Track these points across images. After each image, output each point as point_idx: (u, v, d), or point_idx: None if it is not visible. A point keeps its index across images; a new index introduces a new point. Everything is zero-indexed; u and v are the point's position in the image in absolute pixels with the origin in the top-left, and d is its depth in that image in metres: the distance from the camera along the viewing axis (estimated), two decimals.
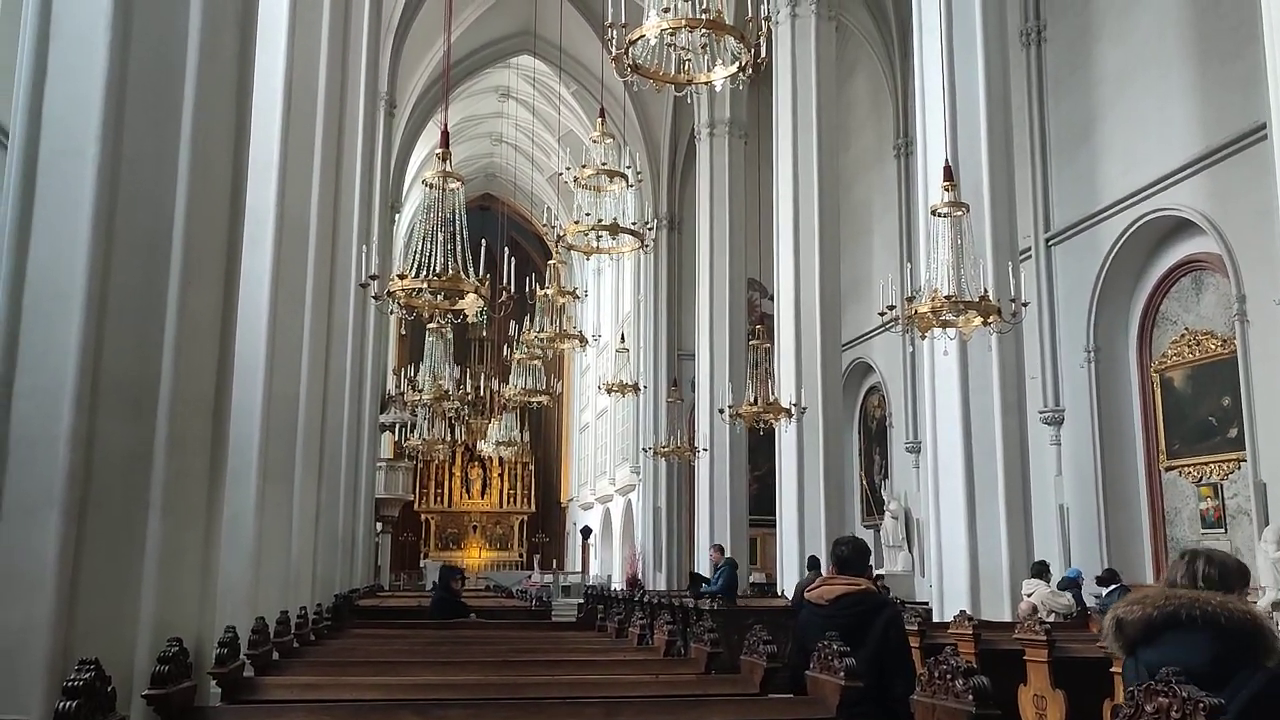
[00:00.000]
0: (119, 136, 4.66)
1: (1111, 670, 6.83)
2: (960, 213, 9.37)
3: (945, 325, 9.44)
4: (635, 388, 21.23)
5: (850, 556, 4.69)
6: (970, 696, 2.91)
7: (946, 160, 10.18)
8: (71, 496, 4.36)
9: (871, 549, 21.00)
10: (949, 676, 3.02)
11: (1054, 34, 16.47)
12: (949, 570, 11.54)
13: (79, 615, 4.28)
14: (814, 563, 13.17)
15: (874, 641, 4.30)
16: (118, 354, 4.58)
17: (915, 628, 8.29)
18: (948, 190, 9.39)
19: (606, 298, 35.50)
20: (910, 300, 9.50)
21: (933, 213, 9.67)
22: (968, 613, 9.09)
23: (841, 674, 3.61)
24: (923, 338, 10.00)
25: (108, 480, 4.49)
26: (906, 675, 4.02)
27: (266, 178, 8.31)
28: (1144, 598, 2.85)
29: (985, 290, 9.38)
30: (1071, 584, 11.59)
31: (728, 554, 16.68)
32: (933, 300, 9.13)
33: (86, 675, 2.63)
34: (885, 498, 21.33)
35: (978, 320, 9.33)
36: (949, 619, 9.55)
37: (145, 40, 4.79)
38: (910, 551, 20.08)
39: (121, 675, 3.87)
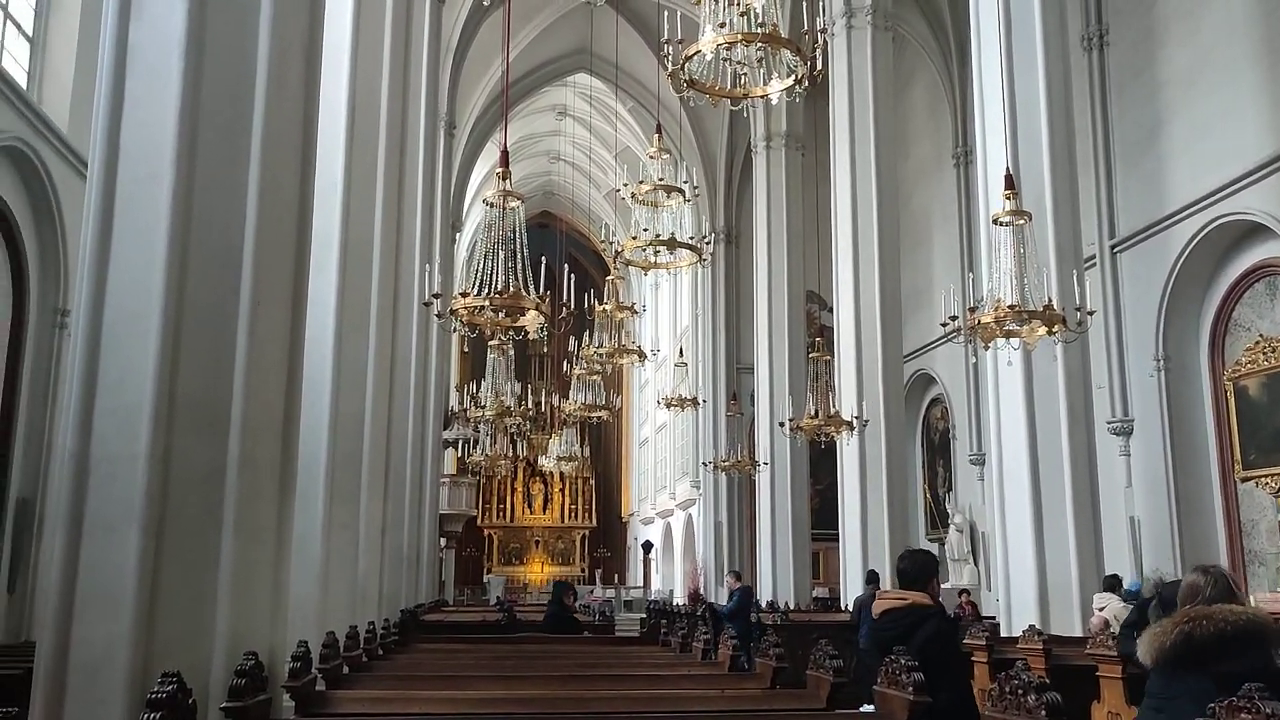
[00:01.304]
0: (192, 163, 4.80)
1: None
2: (1022, 221, 9.24)
3: (1009, 335, 9.31)
4: (694, 402, 21.22)
5: (909, 569, 4.66)
6: (1043, 713, 2.86)
7: (1008, 168, 10.05)
8: (150, 514, 4.48)
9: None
10: (1020, 692, 2.98)
11: (1116, 38, 16.19)
12: (1016, 584, 11.34)
13: (158, 630, 4.39)
14: (873, 577, 13.03)
15: (913, 653, 4.28)
16: (192, 375, 4.70)
17: (983, 642, 8.15)
18: (1009, 199, 9.27)
19: (664, 312, 35.52)
20: (973, 310, 9.39)
21: (994, 221, 9.54)
22: (1037, 627, 8.92)
23: (910, 689, 3.58)
24: (986, 348, 9.86)
25: (183, 498, 4.61)
26: (948, 687, 3.97)
27: (331, 200, 8.48)
28: (1210, 613, 3.03)
29: (1049, 299, 9.24)
30: (1134, 597, 11.31)
31: (744, 580, 16.87)
32: (996, 310, 9.02)
33: (169, 688, 2.70)
34: (949, 511, 21.04)
35: (1042, 330, 9.18)
36: (1017, 633, 9.38)
37: (216, 70, 4.93)
38: (976, 565, 19.76)
39: (198, 688, 3.96)
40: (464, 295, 8.27)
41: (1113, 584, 10.73)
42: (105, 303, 4.70)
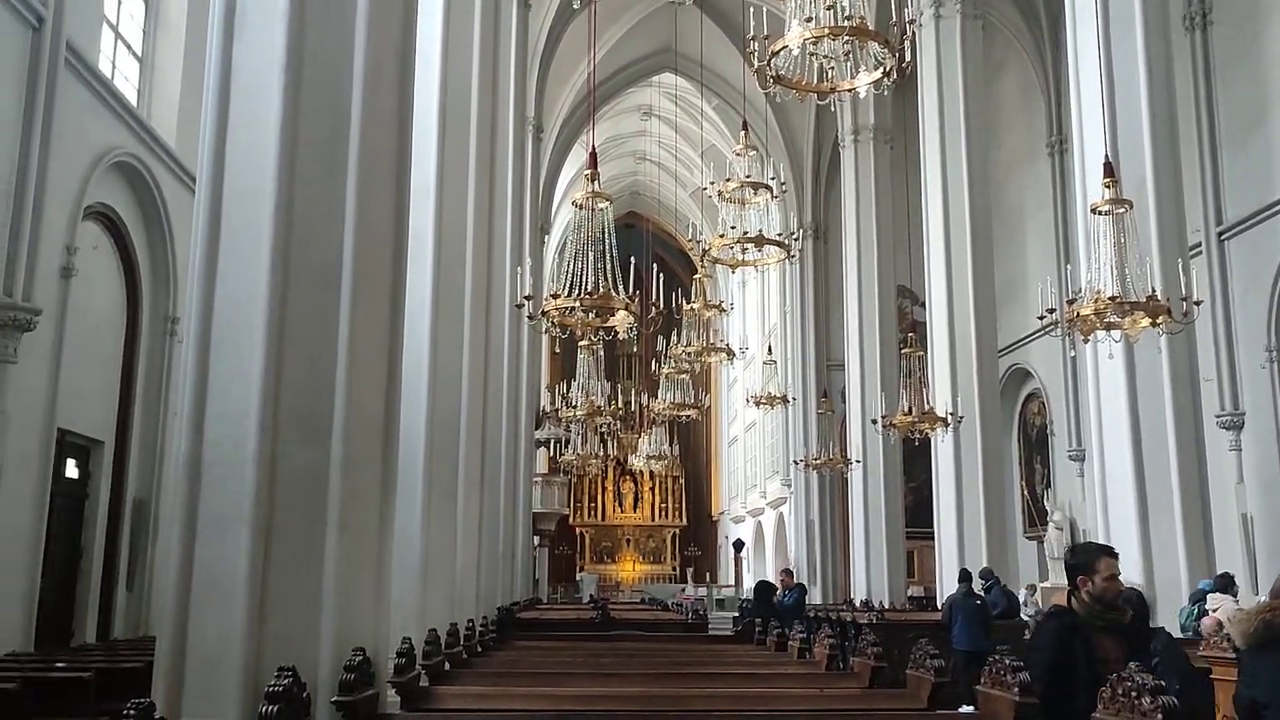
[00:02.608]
0: (293, 175, 4.95)
1: None
2: (1123, 209, 9.01)
3: (1110, 327, 9.08)
4: (784, 399, 21.10)
5: (1067, 564, 4.41)
6: (1159, 716, 2.78)
7: (1106, 155, 9.79)
8: (258, 514, 4.63)
9: (1035, 561, 20.34)
10: (1134, 695, 2.90)
11: (1220, 16, 15.61)
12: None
13: (268, 625, 4.53)
14: (965, 576, 12.78)
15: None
16: (295, 380, 4.84)
17: None
18: (1109, 187, 9.04)
19: (752, 310, 35.37)
20: (1071, 302, 9.18)
21: (1093, 211, 9.31)
22: None
23: (1015, 689, 3.51)
24: (1085, 341, 9.63)
25: (289, 499, 4.75)
26: (1035, 689, 3.86)
27: (424, 206, 8.65)
28: None
29: (1153, 289, 8.98)
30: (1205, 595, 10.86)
31: (798, 579, 16.75)
32: (1095, 302, 8.80)
33: (285, 681, 2.80)
34: (1048, 508, 20.55)
35: (1145, 321, 8.93)
36: None
37: (314, 84, 5.07)
38: None
39: (308, 682, 4.08)
40: (555, 296, 8.38)
41: (1225, 583, 10.36)
42: (214, 310, 4.86)
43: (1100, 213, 9.09)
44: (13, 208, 9.78)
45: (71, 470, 11.82)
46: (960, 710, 4.97)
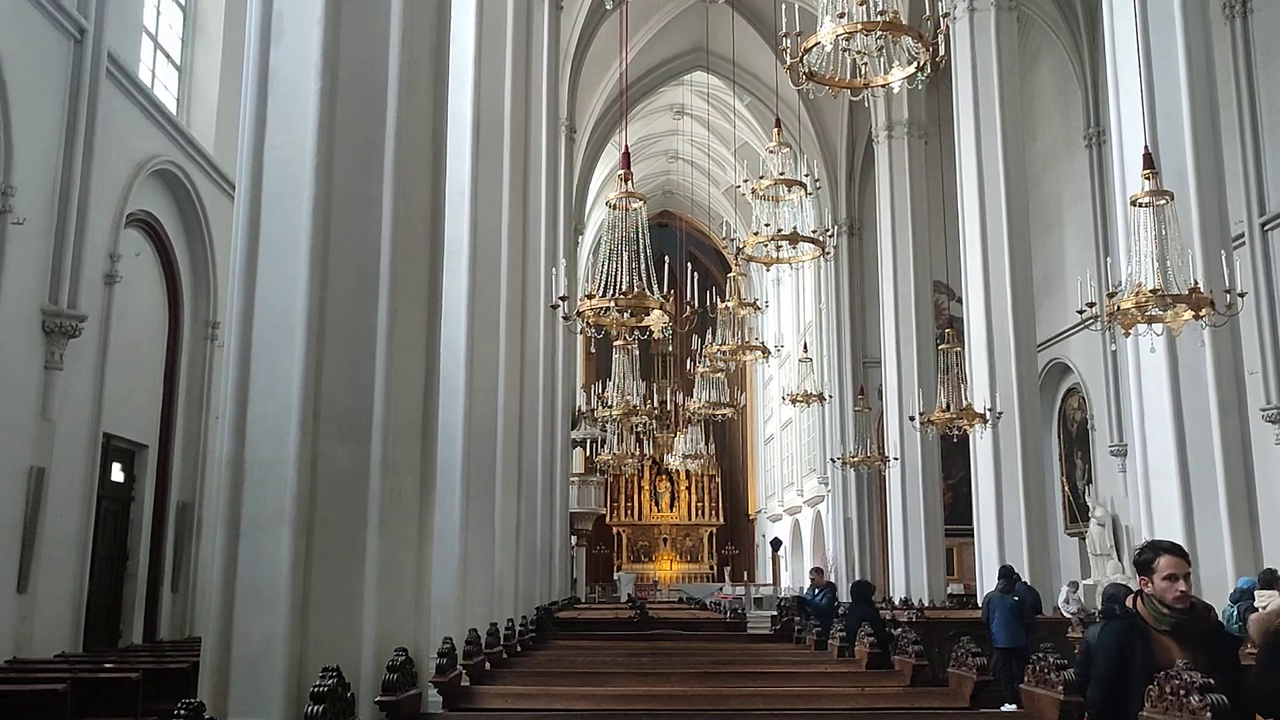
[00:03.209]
0: (330, 178, 4.99)
1: None
2: (1163, 201, 8.88)
3: (1151, 321, 8.96)
4: (820, 397, 20.99)
5: (1134, 563, 4.27)
6: (1208, 714, 2.73)
7: (1146, 146, 9.66)
8: (300, 515, 4.67)
9: (1076, 558, 20.10)
10: (1182, 693, 2.86)
11: (1261, 4, 15.35)
12: None
13: (311, 626, 4.58)
14: (1006, 572, 12.64)
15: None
16: (335, 381, 4.88)
17: None
18: (1148, 178, 8.92)
19: (787, 307, 35.23)
20: (1111, 296, 9.07)
21: (1132, 203, 9.19)
22: None
23: (1060, 688, 3.47)
24: (1126, 335, 9.51)
25: (330, 500, 4.79)
26: (1089, 690, 3.75)
27: (460, 208, 8.69)
28: None
29: (1195, 281, 8.85)
30: (1245, 594, 10.67)
31: (829, 577, 16.64)
32: (1136, 295, 8.68)
33: (330, 681, 2.83)
34: (1090, 504, 20.30)
35: (1188, 314, 8.80)
36: None
37: (350, 88, 5.11)
38: (1120, 560, 19.01)
39: (351, 682, 4.12)
40: (589, 297, 8.39)
41: (1270, 579, 10.18)
42: (254, 314, 4.91)
43: (1140, 204, 8.97)
44: (58, 217, 9.96)
45: (117, 474, 12.01)
46: (1003, 709, 4.93)
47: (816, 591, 14.40)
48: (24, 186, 9.48)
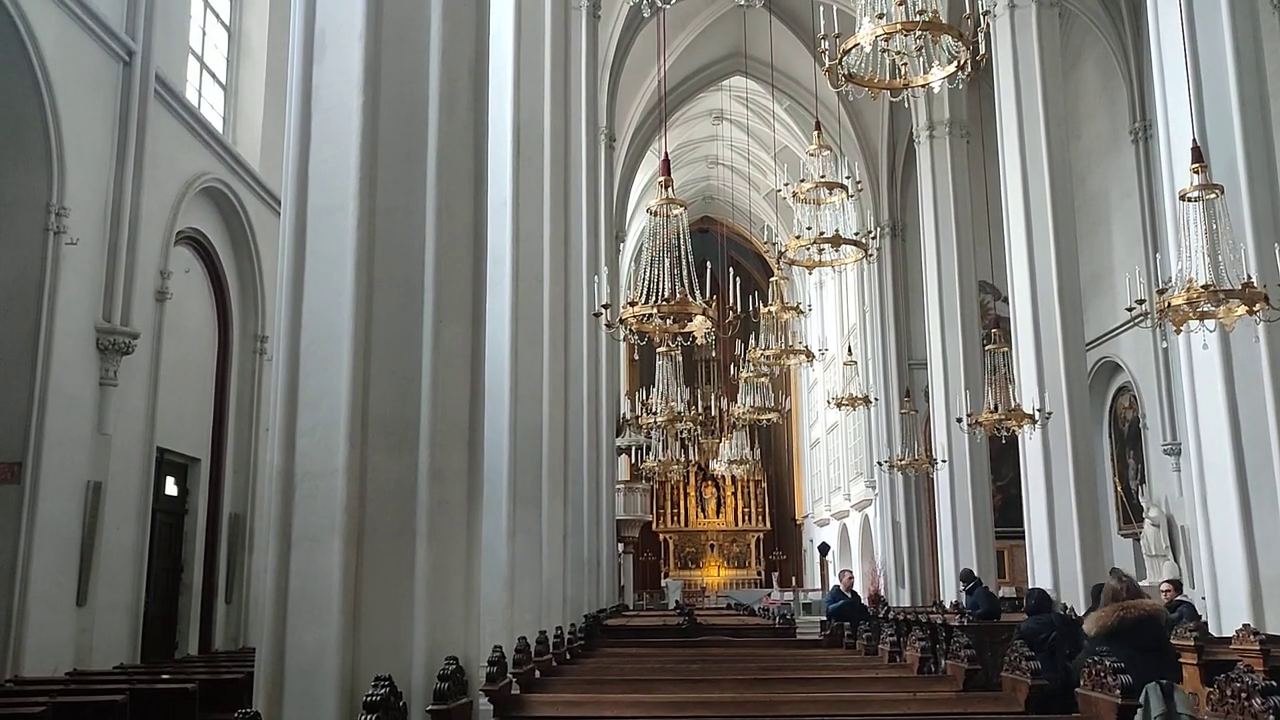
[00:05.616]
0: (374, 191, 5.05)
1: None
2: (1213, 195, 8.73)
3: (1203, 317, 8.81)
4: (866, 400, 20.84)
5: None
6: (1271, 717, 2.68)
7: (1194, 140, 9.50)
8: (349, 525, 4.72)
9: (1131, 559, 19.76)
10: (1244, 696, 2.80)
11: None
12: (1224, 581, 10.66)
13: (362, 635, 4.62)
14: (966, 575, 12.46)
15: None
16: (382, 392, 4.93)
17: (1191, 642, 7.70)
18: (1197, 172, 8.77)
19: (831, 311, 35.03)
20: (1161, 292, 8.93)
21: (1182, 198, 9.04)
22: (1252, 626, 8.35)
23: (1118, 692, 3.42)
24: (1177, 332, 9.35)
25: (379, 510, 4.83)
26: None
27: (502, 219, 8.76)
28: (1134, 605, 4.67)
29: (1248, 276, 8.69)
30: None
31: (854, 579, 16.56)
32: (1188, 291, 8.54)
33: (382, 690, 2.85)
34: (1143, 504, 19.94)
35: (1241, 309, 8.64)
36: (1227, 633, 8.81)
37: (392, 102, 5.17)
38: (1176, 561, 18.66)
39: (402, 691, 4.15)
40: (632, 304, 8.40)
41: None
42: (301, 327, 4.97)
43: (1189, 199, 8.82)
44: (109, 236, 10.17)
45: (171, 488, 12.22)
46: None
47: (841, 595, 14.24)
48: (77, 207, 9.70)
